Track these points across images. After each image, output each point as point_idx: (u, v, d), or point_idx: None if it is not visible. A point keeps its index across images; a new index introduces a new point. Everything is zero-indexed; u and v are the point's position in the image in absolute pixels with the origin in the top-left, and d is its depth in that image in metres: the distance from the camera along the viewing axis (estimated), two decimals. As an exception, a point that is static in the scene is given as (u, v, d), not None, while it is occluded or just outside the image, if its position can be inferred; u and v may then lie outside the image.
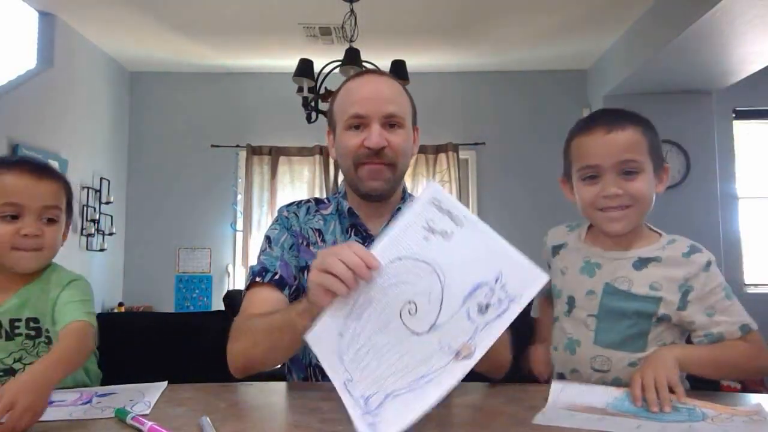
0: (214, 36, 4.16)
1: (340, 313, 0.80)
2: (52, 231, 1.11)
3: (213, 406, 0.90)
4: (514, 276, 0.73)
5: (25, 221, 1.07)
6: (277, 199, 4.69)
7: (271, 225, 1.24)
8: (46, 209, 1.09)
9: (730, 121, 4.63)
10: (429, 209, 0.79)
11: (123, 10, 3.71)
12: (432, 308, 0.75)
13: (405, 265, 0.78)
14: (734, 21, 3.05)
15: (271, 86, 4.77)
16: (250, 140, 4.77)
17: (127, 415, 0.80)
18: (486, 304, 0.73)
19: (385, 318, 0.77)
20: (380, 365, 0.76)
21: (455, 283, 0.75)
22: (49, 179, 1.11)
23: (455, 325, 0.74)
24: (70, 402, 0.94)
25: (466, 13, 3.76)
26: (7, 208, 1.06)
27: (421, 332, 0.75)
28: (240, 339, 1.02)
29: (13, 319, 1.10)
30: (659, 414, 0.85)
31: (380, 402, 0.74)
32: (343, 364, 0.78)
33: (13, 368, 1.09)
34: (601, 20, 3.86)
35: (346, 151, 1.14)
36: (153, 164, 4.82)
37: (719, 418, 0.83)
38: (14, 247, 1.07)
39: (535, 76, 4.84)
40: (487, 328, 0.72)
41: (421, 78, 4.07)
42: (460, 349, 0.72)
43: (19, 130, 3.47)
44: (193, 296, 4.71)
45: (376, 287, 0.78)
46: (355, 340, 0.78)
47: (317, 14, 3.75)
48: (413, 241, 0.78)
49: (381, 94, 1.13)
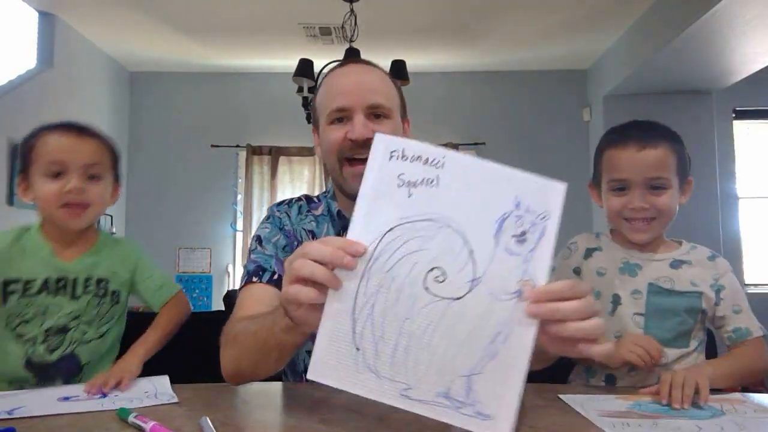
0: (214, 36, 4.16)
1: (341, 327, 0.65)
2: (97, 188, 1.15)
3: (213, 406, 0.90)
4: (532, 195, 0.65)
5: (69, 179, 1.11)
6: (277, 198, 4.69)
7: (261, 224, 1.17)
8: (88, 167, 1.13)
9: (730, 121, 4.63)
10: (393, 165, 0.67)
11: (123, 10, 3.72)
12: (463, 263, 0.64)
13: (401, 234, 0.65)
14: (734, 21, 3.05)
15: (272, 86, 4.77)
16: (250, 140, 4.77)
17: (129, 415, 0.80)
18: (521, 232, 0.64)
19: (408, 301, 0.64)
20: (434, 353, 0.64)
21: (476, 226, 0.65)
22: (91, 138, 1.16)
23: (500, 266, 0.64)
24: (86, 397, 0.95)
25: (466, 13, 3.76)
26: (51, 167, 1.11)
27: (464, 293, 0.64)
28: (228, 346, 0.94)
29: (87, 278, 1.16)
30: (685, 412, 0.87)
31: (467, 387, 0.63)
32: (385, 378, 0.64)
33: (68, 327, 1.14)
34: (601, 20, 3.86)
35: (329, 146, 1.07)
36: (153, 164, 4.82)
37: (728, 410, 0.87)
38: (61, 205, 1.11)
39: (535, 76, 4.84)
40: (536, 253, 0.64)
41: (421, 78, 4.08)
42: (521, 288, 0.63)
43: (19, 130, 3.45)
44: (193, 296, 4.70)
45: (375, 275, 0.65)
46: (383, 346, 0.64)
47: (317, 14, 3.75)
48: (395, 205, 0.66)
49: (364, 84, 1.06)
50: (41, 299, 1.11)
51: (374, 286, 0.65)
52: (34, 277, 1.12)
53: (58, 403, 0.92)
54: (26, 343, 1.11)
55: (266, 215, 1.19)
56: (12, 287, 1.11)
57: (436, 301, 0.64)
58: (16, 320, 1.11)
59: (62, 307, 1.13)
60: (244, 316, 0.96)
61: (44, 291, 1.12)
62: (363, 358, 0.65)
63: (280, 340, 0.78)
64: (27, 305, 1.11)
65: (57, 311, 1.13)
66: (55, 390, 1.00)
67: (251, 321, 0.89)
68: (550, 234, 0.65)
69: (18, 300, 1.11)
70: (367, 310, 0.65)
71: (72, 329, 1.14)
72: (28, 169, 1.15)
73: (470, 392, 0.63)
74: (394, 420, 0.80)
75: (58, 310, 1.13)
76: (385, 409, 0.85)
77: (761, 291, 4.49)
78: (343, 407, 0.85)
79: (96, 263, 1.18)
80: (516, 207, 0.65)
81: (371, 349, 0.64)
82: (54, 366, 1.13)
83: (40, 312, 1.12)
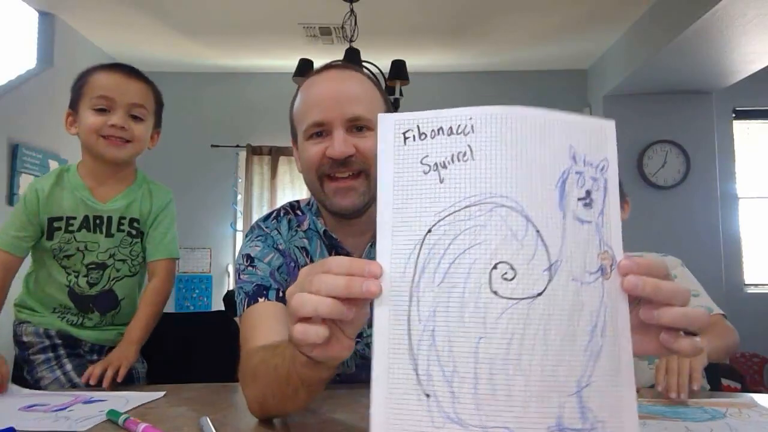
0: (214, 36, 4.15)
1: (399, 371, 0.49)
2: (139, 128, 1.22)
3: (213, 406, 0.90)
4: (586, 142, 0.52)
5: (114, 114, 1.18)
6: (277, 199, 4.69)
7: (249, 241, 1.04)
8: (133, 106, 1.20)
9: (730, 121, 4.63)
10: (410, 148, 0.53)
11: (123, 10, 3.71)
12: (533, 248, 0.49)
13: (445, 233, 0.50)
14: (734, 21, 3.04)
15: (271, 86, 4.77)
16: (250, 140, 4.77)
17: (119, 417, 0.79)
18: (586, 192, 0.51)
19: (477, 315, 0.48)
20: (528, 373, 0.48)
21: (534, 197, 0.50)
22: (138, 80, 1.23)
23: (574, 242, 0.50)
24: (48, 408, 0.90)
25: (465, 13, 3.76)
26: (98, 101, 1.18)
27: (543, 287, 0.49)
28: (250, 384, 0.80)
29: (121, 216, 1.24)
30: (685, 413, 0.86)
31: (580, 407, 0.48)
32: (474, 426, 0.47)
33: (106, 263, 1.24)
34: (601, 20, 3.86)
35: (308, 163, 0.97)
36: (153, 164, 4.81)
37: (731, 414, 0.85)
38: (102, 135, 1.18)
39: (535, 76, 4.84)
40: (606, 214, 0.52)
41: (421, 78, 4.07)
42: (602, 263, 0.51)
43: (19, 130, 3.46)
44: (193, 296, 4.70)
45: (426, 294, 0.50)
46: (460, 383, 0.48)
47: (317, 14, 3.75)
48: (428, 199, 0.51)
49: (343, 93, 0.95)
50: (81, 235, 1.21)
51: (428, 307, 0.49)
52: (74, 215, 1.21)
53: (18, 413, 0.87)
54: (70, 274, 1.22)
55: (254, 231, 1.06)
56: (57, 224, 1.20)
57: (513, 305, 0.49)
58: (61, 254, 1.21)
59: (99, 243, 1.22)
60: (260, 347, 0.83)
61: (84, 228, 1.21)
62: (438, 406, 0.48)
63: (304, 377, 0.66)
64: (69, 241, 1.21)
65: (95, 248, 1.22)
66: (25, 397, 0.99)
67: (270, 353, 0.76)
68: (613, 188, 0.53)
69: (62, 236, 1.20)
70: (426, 341, 0.49)
71: (110, 266, 1.24)
72: (77, 104, 1.22)
73: (586, 412, 0.48)
74: (395, 420, 0.80)
75: (96, 246, 1.22)
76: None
77: (761, 291, 4.49)
78: (343, 407, 0.85)
79: (130, 204, 1.26)
80: (573, 161, 0.52)
81: (445, 391, 0.48)
82: (93, 299, 1.24)
83: (81, 248, 1.21)
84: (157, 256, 1.28)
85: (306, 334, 0.53)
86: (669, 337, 0.53)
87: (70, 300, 1.23)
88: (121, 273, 1.26)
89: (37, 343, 1.21)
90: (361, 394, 0.91)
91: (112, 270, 1.25)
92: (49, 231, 1.20)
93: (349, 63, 3.10)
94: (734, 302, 3.99)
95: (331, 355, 0.56)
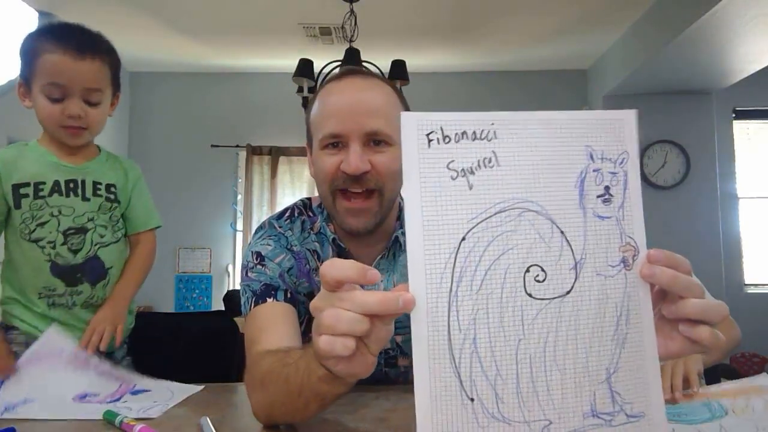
0: (214, 36, 4.15)
1: (442, 380, 0.50)
2: (96, 113, 1.18)
3: (213, 406, 0.90)
4: (603, 138, 0.55)
5: (69, 102, 1.14)
6: (277, 199, 4.70)
7: (260, 239, 1.01)
8: (87, 92, 1.15)
9: (730, 121, 4.63)
10: (435, 152, 0.53)
11: (123, 10, 3.71)
12: (559, 249, 0.53)
13: (478, 240, 0.52)
14: (734, 21, 3.04)
15: (271, 86, 4.77)
16: (250, 140, 4.77)
17: (115, 418, 0.79)
18: (605, 188, 0.54)
19: (514, 318, 0.52)
20: (564, 368, 0.52)
21: (556, 199, 0.53)
22: (92, 58, 1.15)
23: (595, 238, 0.54)
24: (101, 399, 0.95)
25: (466, 13, 3.76)
26: (51, 90, 1.13)
27: (571, 285, 0.53)
28: (257, 391, 0.78)
29: (95, 181, 1.21)
30: (685, 416, 0.85)
31: (610, 393, 0.53)
32: (517, 422, 0.51)
33: (86, 227, 1.19)
34: (601, 20, 3.86)
35: (322, 175, 0.94)
36: (153, 164, 4.81)
37: (739, 407, 0.84)
38: (62, 126, 1.15)
39: (535, 76, 4.84)
40: (626, 207, 0.54)
41: (421, 78, 4.07)
42: (624, 255, 0.54)
43: (19, 130, 3.46)
44: (193, 296, 4.70)
45: (465, 302, 0.51)
46: (503, 385, 0.51)
47: (317, 14, 3.75)
48: (458, 205, 0.52)
49: (362, 105, 0.91)
50: (54, 200, 1.16)
51: (468, 316, 0.51)
52: (43, 180, 1.16)
53: (71, 404, 0.92)
54: (46, 246, 1.16)
55: (265, 229, 1.04)
56: (24, 190, 1.15)
57: (546, 305, 0.52)
58: (33, 224, 1.15)
59: (75, 207, 1.18)
60: (268, 352, 0.80)
61: (56, 192, 1.16)
62: (483, 408, 0.51)
63: (318, 391, 0.64)
64: (41, 207, 1.15)
65: (71, 213, 1.17)
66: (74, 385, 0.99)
67: (280, 362, 0.73)
68: (634, 180, 0.55)
69: (31, 203, 1.15)
70: (468, 349, 0.51)
71: (90, 230, 1.19)
72: (29, 79, 1.16)
73: (615, 397, 0.53)
74: (395, 419, 0.80)
75: (72, 211, 1.17)
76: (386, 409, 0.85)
77: (761, 291, 4.49)
78: (344, 406, 0.85)
79: (103, 171, 1.23)
80: (590, 159, 0.54)
81: (489, 393, 0.51)
82: (81, 269, 1.18)
83: (56, 213, 1.16)
84: (143, 228, 1.29)
85: (333, 345, 0.52)
86: (688, 326, 0.54)
87: (55, 276, 1.16)
88: (106, 239, 1.22)
89: None
90: (360, 394, 0.91)
91: (94, 234, 1.19)
92: (15, 199, 1.14)
93: (349, 63, 3.12)
94: (734, 302, 3.97)
95: (354, 371, 0.56)
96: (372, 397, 0.92)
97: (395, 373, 1.04)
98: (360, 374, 0.57)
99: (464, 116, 0.54)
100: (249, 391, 0.80)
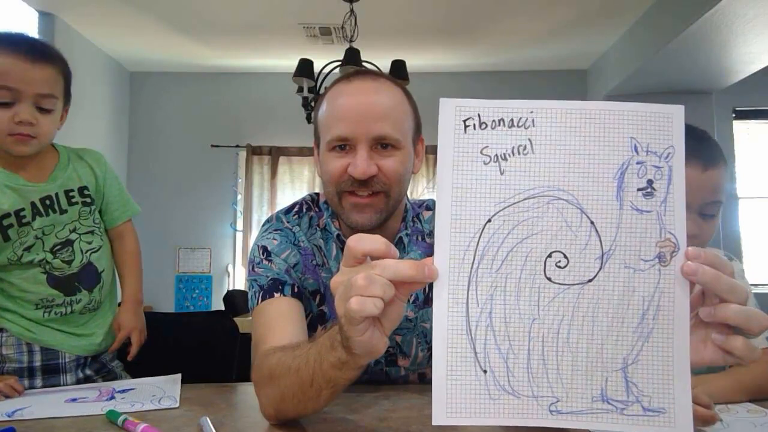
0: (214, 36, 4.16)
1: (458, 352, 0.54)
2: (47, 120, 1.10)
3: (213, 406, 0.90)
4: (650, 131, 0.54)
5: (19, 108, 1.06)
6: (277, 199, 4.70)
7: (267, 233, 1.02)
8: (40, 97, 1.08)
9: (730, 121, 4.63)
10: (471, 137, 0.55)
11: (123, 10, 3.71)
12: (586, 238, 0.54)
13: (504, 222, 0.54)
14: (734, 21, 3.04)
15: (271, 86, 4.77)
16: (250, 140, 4.77)
17: (118, 417, 0.79)
18: (647, 181, 0.54)
19: (531, 299, 0.54)
20: (577, 351, 0.54)
21: (591, 189, 0.54)
22: (45, 63, 1.09)
23: (630, 231, 0.54)
24: (93, 399, 0.96)
25: (466, 13, 3.76)
26: (1, 94, 1.05)
27: (594, 273, 0.54)
28: (265, 386, 0.78)
29: (67, 190, 1.16)
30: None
31: (625, 382, 0.53)
32: (526, 396, 0.54)
33: (70, 239, 1.16)
34: (601, 20, 3.86)
35: (328, 176, 0.95)
36: (153, 164, 4.82)
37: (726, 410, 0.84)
38: (10, 133, 1.07)
39: (535, 76, 4.84)
40: (669, 202, 0.54)
41: (420, 78, 4.07)
42: (661, 250, 0.53)
43: (19, 130, 3.46)
44: (193, 296, 4.71)
45: (484, 279, 0.54)
46: (514, 360, 0.54)
47: (317, 14, 3.75)
48: (488, 189, 0.54)
49: (371, 109, 0.92)
50: (38, 223, 1.12)
51: (486, 292, 0.54)
52: (22, 206, 1.11)
53: (65, 405, 0.93)
54: (36, 266, 1.13)
55: (272, 223, 1.05)
56: (6, 221, 1.10)
57: (564, 290, 0.54)
58: (20, 250, 1.12)
59: (55, 224, 1.14)
60: (277, 347, 0.80)
61: (37, 215, 1.12)
62: (494, 380, 0.54)
63: (330, 378, 0.66)
64: (27, 233, 1.12)
65: (51, 230, 1.14)
66: (62, 392, 1.02)
67: (288, 355, 0.74)
68: (680, 175, 0.54)
69: (18, 231, 1.11)
70: (483, 323, 0.54)
71: (75, 240, 1.17)
72: None
73: (630, 387, 0.53)
74: (395, 419, 0.80)
75: (53, 228, 1.14)
76: (386, 409, 0.85)
77: (761, 291, 4.49)
78: (344, 406, 0.85)
79: (69, 176, 1.18)
80: (634, 152, 0.54)
81: (501, 367, 0.54)
82: (77, 277, 1.17)
83: (39, 235, 1.13)
84: (123, 219, 1.27)
85: (364, 305, 0.54)
86: (721, 335, 0.52)
87: (52, 288, 1.14)
88: (94, 245, 1.20)
89: (15, 360, 1.12)
90: (358, 393, 0.91)
91: (81, 243, 1.17)
92: (2, 232, 1.09)
93: (349, 63, 3.12)
94: (734, 302, 3.99)
95: (372, 344, 0.58)
96: (372, 397, 0.92)
97: (395, 372, 1.05)
98: (376, 349, 0.59)
99: (503, 104, 0.56)
100: (257, 387, 0.80)
